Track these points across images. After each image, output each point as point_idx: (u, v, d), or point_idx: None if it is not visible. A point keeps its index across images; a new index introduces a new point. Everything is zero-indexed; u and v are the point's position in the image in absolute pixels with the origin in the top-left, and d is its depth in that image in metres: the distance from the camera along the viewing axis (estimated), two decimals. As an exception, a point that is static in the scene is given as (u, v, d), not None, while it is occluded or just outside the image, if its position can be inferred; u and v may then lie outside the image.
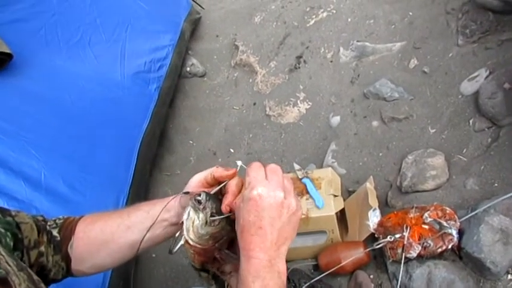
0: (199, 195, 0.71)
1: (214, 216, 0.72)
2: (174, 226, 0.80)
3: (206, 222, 0.71)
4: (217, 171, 0.77)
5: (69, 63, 1.85)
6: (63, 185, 1.52)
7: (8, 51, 1.53)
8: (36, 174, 1.47)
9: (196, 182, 0.78)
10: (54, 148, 1.57)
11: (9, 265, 0.60)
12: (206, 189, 0.76)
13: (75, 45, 1.91)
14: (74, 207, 1.51)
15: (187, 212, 0.71)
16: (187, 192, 0.77)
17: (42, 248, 0.76)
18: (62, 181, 1.53)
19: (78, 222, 0.83)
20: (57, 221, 0.83)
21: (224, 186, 0.77)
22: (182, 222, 0.71)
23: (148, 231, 0.78)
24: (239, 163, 0.79)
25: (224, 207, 0.73)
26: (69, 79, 1.80)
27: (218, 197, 0.76)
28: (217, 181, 0.78)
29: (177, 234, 0.73)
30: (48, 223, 0.82)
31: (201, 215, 0.71)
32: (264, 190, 0.67)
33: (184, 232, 0.71)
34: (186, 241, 0.71)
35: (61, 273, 0.80)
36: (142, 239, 0.79)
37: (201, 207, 0.71)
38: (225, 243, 0.77)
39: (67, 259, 0.80)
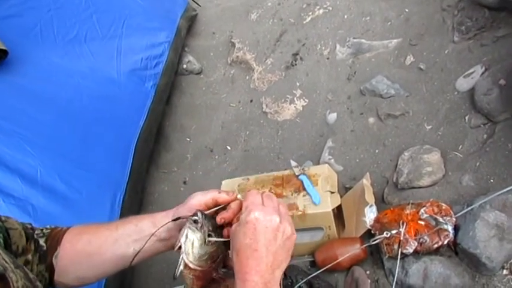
0: (195, 214, 0.72)
1: (211, 235, 0.73)
2: (163, 242, 0.80)
3: (205, 241, 0.72)
4: (221, 197, 0.78)
5: (65, 59, 1.84)
6: (60, 182, 1.52)
7: (3, 47, 1.52)
8: (33, 172, 1.47)
9: (196, 204, 0.78)
10: (50, 145, 1.57)
11: (6, 262, 0.60)
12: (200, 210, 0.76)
13: (71, 42, 1.90)
14: (71, 204, 1.51)
15: (184, 234, 0.71)
16: (178, 218, 0.76)
17: (29, 256, 0.75)
18: (59, 178, 1.52)
19: (65, 232, 0.82)
20: (44, 230, 0.82)
21: (220, 209, 0.78)
22: (180, 247, 0.71)
23: (140, 249, 0.78)
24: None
25: (219, 219, 0.75)
26: (65, 76, 1.79)
27: (213, 216, 0.77)
28: (217, 205, 0.79)
29: (180, 259, 0.72)
30: (36, 232, 0.81)
31: (199, 234, 0.71)
32: (261, 214, 0.69)
33: (184, 256, 0.71)
34: (186, 265, 0.71)
35: (43, 283, 0.78)
36: (136, 254, 0.78)
37: (199, 226, 0.72)
38: (220, 262, 0.78)
39: (51, 269, 0.79)
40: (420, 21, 1.87)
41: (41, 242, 0.80)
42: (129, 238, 0.79)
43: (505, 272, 1.14)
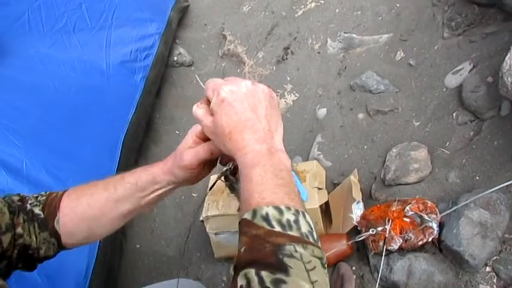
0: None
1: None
2: (167, 191, 0.79)
3: None
4: (198, 127, 0.73)
5: (53, 50, 1.82)
6: (45, 174, 1.51)
7: (-13, 37, 1.50)
8: (18, 163, 1.46)
9: (192, 163, 0.73)
10: (36, 137, 1.55)
11: None
12: None
13: (59, 32, 1.88)
14: (57, 198, 1.50)
15: None
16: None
17: (19, 230, 0.75)
18: (44, 170, 1.51)
19: (62, 197, 0.81)
20: (39, 197, 0.82)
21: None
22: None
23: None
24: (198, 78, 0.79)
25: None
26: (52, 66, 1.77)
27: None
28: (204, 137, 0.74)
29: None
30: (29, 201, 0.80)
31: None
32: (230, 87, 0.64)
33: None
34: None
35: (52, 249, 0.80)
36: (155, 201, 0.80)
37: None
38: None
39: (56, 235, 0.79)
40: (411, 16, 1.86)
41: (37, 210, 0.79)
42: (131, 197, 0.78)
43: (487, 269, 1.15)
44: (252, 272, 0.50)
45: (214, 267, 1.65)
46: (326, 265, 0.55)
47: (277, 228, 0.53)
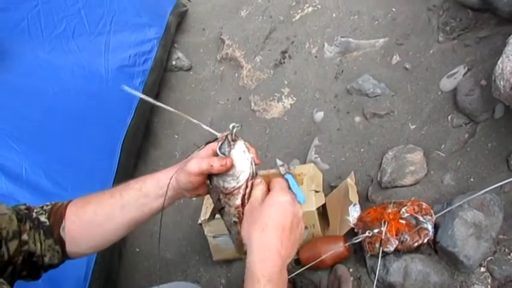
0: (226, 135, 0.77)
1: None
2: (170, 199, 0.82)
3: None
4: (214, 167, 0.76)
5: (52, 55, 1.83)
6: (45, 178, 1.52)
7: (-12, 43, 1.51)
8: (17, 168, 1.47)
9: (195, 171, 0.77)
10: (35, 141, 1.57)
11: None
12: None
13: (58, 37, 1.89)
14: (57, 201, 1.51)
15: (241, 151, 0.76)
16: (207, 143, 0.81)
17: (25, 236, 0.77)
18: (44, 175, 1.52)
19: (67, 206, 0.84)
20: (44, 207, 0.84)
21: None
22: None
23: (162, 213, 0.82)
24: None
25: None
26: (51, 72, 1.78)
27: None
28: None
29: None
30: (35, 210, 0.83)
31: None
32: (292, 201, 0.73)
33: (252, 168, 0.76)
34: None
35: (57, 256, 0.81)
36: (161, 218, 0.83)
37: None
38: None
39: (61, 242, 0.81)
40: (407, 20, 1.89)
41: (42, 218, 0.82)
42: (136, 203, 0.81)
43: (482, 269, 1.16)
44: None
45: (212, 270, 1.66)
46: None
47: None
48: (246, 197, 0.77)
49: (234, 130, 0.76)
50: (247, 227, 0.72)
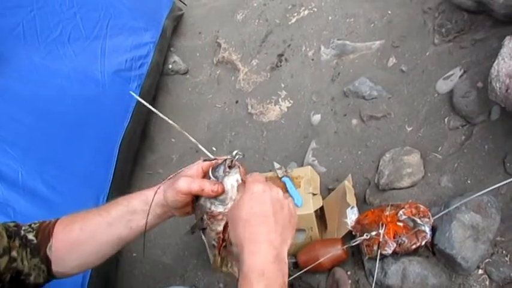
0: (224, 160, 0.76)
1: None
2: (157, 216, 0.81)
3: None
4: (206, 190, 0.75)
5: (48, 60, 1.82)
6: (42, 184, 1.51)
7: (-17, 48, 1.51)
8: (13, 174, 1.46)
9: (185, 190, 0.76)
10: (32, 147, 1.55)
11: None
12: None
13: (54, 42, 1.88)
14: (53, 207, 1.50)
15: (234, 180, 0.74)
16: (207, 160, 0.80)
17: (14, 253, 0.76)
18: (40, 180, 1.51)
19: (55, 224, 0.82)
20: (32, 225, 0.83)
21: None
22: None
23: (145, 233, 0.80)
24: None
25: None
26: (47, 77, 1.77)
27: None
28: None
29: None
30: (23, 228, 0.82)
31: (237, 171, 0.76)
32: (266, 187, 0.71)
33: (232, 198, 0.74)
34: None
35: (42, 276, 0.79)
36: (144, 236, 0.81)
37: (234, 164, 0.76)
38: None
39: (47, 261, 0.79)
40: (402, 23, 1.89)
41: (30, 236, 0.80)
42: (123, 219, 0.80)
43: (480, 271, 1.17)
44: None
45: (210, 274, 1.66)
46: None
47: None
48: (228, 228, 0.75)
49: (237, 157, 0.75)
50: (233, 232, 0.71)
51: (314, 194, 1.46)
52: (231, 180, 0.75)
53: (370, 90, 1.77)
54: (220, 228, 0.75)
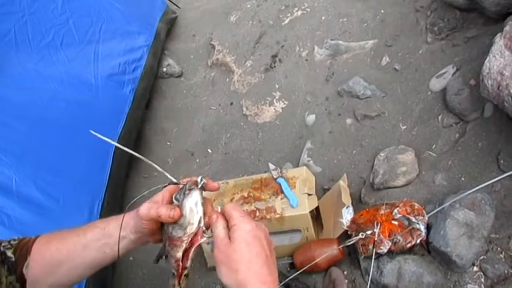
0: (184, 185, 0.76)
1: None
2: (132, 241, 0.80)
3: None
4: (163, 217, 0.74)
5: (41, 65, 1.82)
6: (36, 190, 1.50)
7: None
8: (7, 181, 1.45)
9: (146, 216, 0.75)
10: (25, 153, 1.55)
11: None
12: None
13: (46, 47, 1.87)
14: (47, 213, 1.49)
15: (193, 203, 0.74)
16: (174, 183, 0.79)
17: None
18: (34, 186, 1.51)
19: (34, 242, 0.82)
20: (12, 241, 0.82)
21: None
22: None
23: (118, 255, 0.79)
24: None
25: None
26: (40, 82, 1.77)
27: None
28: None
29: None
30: (2, 244, 0.81)
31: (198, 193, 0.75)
32: (254, 225, 0.71)
33: (199, 224, 0.74)
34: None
35: None
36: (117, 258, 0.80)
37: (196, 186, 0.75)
38: None
39: (22, 280, 0.79)
40: (395, 22, 1.89)
41: (9, 253, 0.79)
42: (98, 243, 0.79)
43: (475, 268, 1.16)
44: None
45: (207, 276, 1.65)
46: None
47: None
48: (190, 255, 0.75)
49: (202, 182, 0.75)
50: (229, 273, 0.69)
51: (309, 195, 1.46)
52: (190, 203, 0.74)
53: (364, 89, 1.77)
54: (179, 254, 0.74)
